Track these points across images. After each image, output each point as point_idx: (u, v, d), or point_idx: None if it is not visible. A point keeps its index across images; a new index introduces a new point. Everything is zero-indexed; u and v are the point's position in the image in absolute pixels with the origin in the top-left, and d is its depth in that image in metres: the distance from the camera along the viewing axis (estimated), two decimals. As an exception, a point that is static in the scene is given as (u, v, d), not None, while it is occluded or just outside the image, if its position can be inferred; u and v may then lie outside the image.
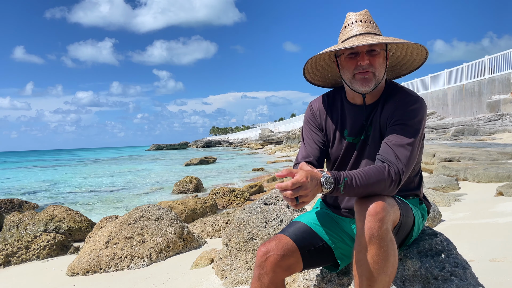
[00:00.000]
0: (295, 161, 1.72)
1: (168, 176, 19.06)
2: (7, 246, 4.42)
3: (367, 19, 1.56)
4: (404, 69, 1.74)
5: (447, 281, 1.60)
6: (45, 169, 32.85)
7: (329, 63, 1.72)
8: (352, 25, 1.56)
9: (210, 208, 7.54)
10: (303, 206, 1.34)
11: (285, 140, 41.58)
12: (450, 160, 7.95)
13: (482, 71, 19.35)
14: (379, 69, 1.52)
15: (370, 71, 1.50)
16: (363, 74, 1.51)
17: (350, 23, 1.57)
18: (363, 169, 1.42)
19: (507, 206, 4.32)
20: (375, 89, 1.55)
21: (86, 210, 9.68)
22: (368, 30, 1.54)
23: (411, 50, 1.62)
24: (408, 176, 1.54)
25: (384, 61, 1.54)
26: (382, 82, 1.58)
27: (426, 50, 1.57)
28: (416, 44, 1.55)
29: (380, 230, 1.30)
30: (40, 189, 16.18)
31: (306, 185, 1.27)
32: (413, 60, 1.67)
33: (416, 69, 1.71)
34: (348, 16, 1.59)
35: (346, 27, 1.58)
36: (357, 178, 1.38)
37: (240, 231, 2.74)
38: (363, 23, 1.55)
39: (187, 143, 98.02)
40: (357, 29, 1.54)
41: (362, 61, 1.49)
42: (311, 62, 1.66)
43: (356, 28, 1.55)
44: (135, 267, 3.67)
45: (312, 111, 1.75)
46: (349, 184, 1.36)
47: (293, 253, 1.53)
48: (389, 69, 1.75)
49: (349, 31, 1.56)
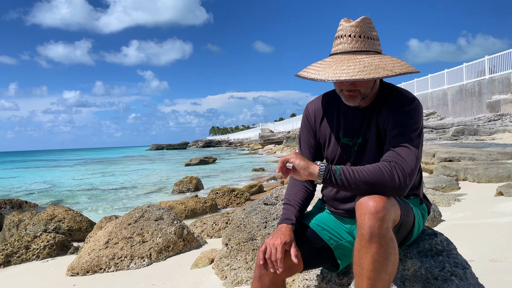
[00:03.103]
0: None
1: (168, 176, 19.06)
2: (7, 246, 4.42)
3: (357, 33, 1.43)
4: None
5: (447, 281, 1.60)
6: (45, 169, 32.85)
7: None
8: (341, 39, 1.46)
9: (210, 208, 7.55)
10: (289, 174, 1.46)
11: (285, 140, 41.57)
12: (450, 160, 7.95)
13: (482, 71, 19.35)
14: (365, 86, 1.48)
15: (355, 89, 1.47)
16: (349, 92, 1.48)
17: (339, 35, 1.47)
18: (366, 165, 1.42)
19: (507, 206, 4.32)
20: (367, 97, 1.53)
21: (86, 210, 9.69)
22: (356, 47, 1.43)
23: None
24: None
25: None
26: (376, 87, 1.56)
27: (416, 70, 1.47)
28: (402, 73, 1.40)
29: (381, 229, 1.30)
30: (40, 189, 16.18)
31: (295, 155, 1.43)
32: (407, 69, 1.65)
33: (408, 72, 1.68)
34: (340, 27, 1.48)
35: (336, 39, 1.49)
36: (356, 169, 1.39)
37: (240, 231, 2.74)
38: (352, 38, 1.44)
39: (187, 143, 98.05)
40: (344, 46, 1.45)
41: (343, 86, 1.47)
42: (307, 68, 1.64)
43: (343, 45, 1.45)
44: (135, 267, 3.67)
45: (307, 113, 1.75)
46: (346, 170, 1.38)
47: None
48: None
49: (338, 44, 1.48)
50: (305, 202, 1.70)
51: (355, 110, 1.61)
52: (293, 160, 1.42)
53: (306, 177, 1.41)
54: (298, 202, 1.67)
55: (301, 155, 1.45)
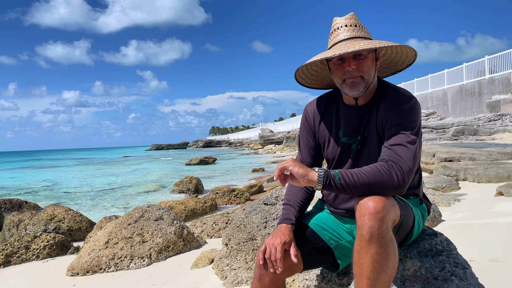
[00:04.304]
0: None
1: (168, 176, 19.06)
2: (7, 246, 4.42)
3: (353, 23, 1.56)
4: (400, 65, 1.74)
5: (447, 281, 1.60)
6: (45, 169, 32.85)
7: (322, 66, 1.72)
8: (338, 30, 1.57)
9: (210, 208, 7.55)
10: (287, 181, 1.45)
11: (285, 140, 41.58)
12: (450, 160, 7.95)
13: (482, 71, 19.35)
14: (368, 72, 1.52)
15: (358, 75, 1.51)
16: (351, 78, 1.52)
17: (336, 28, 1.58)
18: (364, 167, 1.42)
19: (507, 206, 4.32)
20: (367, 90, 1.56)
21: (86, 210, 9.69)
22: (354, 34, 1.54)
23: (400, 48, 1.63)
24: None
25: (373, 62, 1.55)
26: (374, 82, 1.58)
27: (413, 49, 1.58)
28: (402, 46, 1.56)
29: (381, 229, 1.30)
30: (40, 189, 16.19)
31: (293, 163, 1.41)
32: (405, 56, 1.68)
33: (410, 64, 1.71)
34: (335, 21, 1.60)
35: (333, 33, 1.59)
36: (355, 172, 1.39)
37: (240, 231, 2.74)
38: (348, 27, 1.56)
39: (187, 143, 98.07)
40: (344, 34, 1.55)
41: (348, 67, 1.50)
42: (302, 69, 1.66)
43: (343, 33, 1.56)
44: (135, 267, 3.67)
45: (306, 114, 1.76)
46: (345, 174, 1.38)
47: (294, 253, 1.53)
48: (385, 66, 1.76)
49: (336, 36, 1.57)
50: (305, 202, 1.70)
51: (353, 108, 1.62)
52: (291, 168, 1.41)
53: (305, 184, 1.41)
54: (298, 202, 1.68)
55: (299, 162, 1.44)
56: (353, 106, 1.62)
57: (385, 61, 1.72)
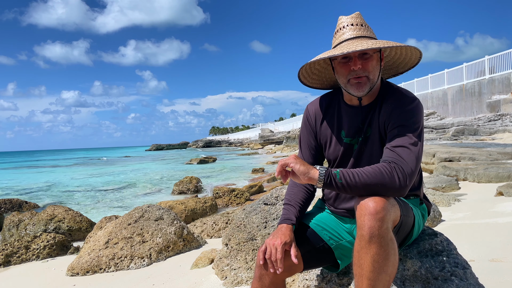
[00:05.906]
0: None
1: (168, 176, 19.06)
2: (7, 246, 4.42)
3: (358, 22, 1.56)
4: (402, 67, 1.73)
5: (447, 281, 1.60)
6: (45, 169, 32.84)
7: (325, 66, 1.72)
8: (344, 29, 1.56)
9: (210, 208, 7.54)
10: (288, 177, 1.45)
11: (285, 140, 41.57)
12: (450, 160, 7.95)
13: (482, 71, 19.35)
14: (373, 72, 1.52)
15: (364, 75, 1.50)
16: (357, 79, 1.51)
17: (342, 27, 1.57)
18: (366, 167, 1.42)
19: (507, 206, 4.32)
20: (371, 91, 1.56)
21: (86, 210, 9.68)
22: (360, 34, 1.54)
23: (405, 49, 1.63)
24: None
25: (378, 63, 1.54)
26: (378, 83, 1.58)
27: (418, 50, 1.58)
28: (408, 46, 1.55)
29: (381, 229, 1.30)
30: (40, 189, 16.17)
31: (295, 160, 1.41)
32: (409, 58, 1.67)
33: (413, 66, 1.71)
34: (340, 20, 1.59)
35: (338, 31, 1.58)
36: (356, 171, 1.39)
37: (240, 231, 2.74)
38: (354, 26, 1.55)
39: (187, 143, 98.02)
40: (349, 33, 1.54)
41: (354, 66, 1.49)
42: (305, 67, 1.66)
43: (348, 32, 1.55)
44: (135, 267, 3.67)
45: (308, 114, 1.76)
46: (346, 173, 1.38)
47: (294, 253, 1.53)
48: (388, 68, 1.75)
49: (341, 35, 1.56)
50: (305, 202, 1.70)
51: (356, 108, 1.62)
52: (292, 164, 1.41)
53: (306, 181, 1.41)
54: (299, 202, 1.68)
55: (301, 159, 1.44)
56: (355, 106, 1.62)
57: (387, 62, 1.72)
